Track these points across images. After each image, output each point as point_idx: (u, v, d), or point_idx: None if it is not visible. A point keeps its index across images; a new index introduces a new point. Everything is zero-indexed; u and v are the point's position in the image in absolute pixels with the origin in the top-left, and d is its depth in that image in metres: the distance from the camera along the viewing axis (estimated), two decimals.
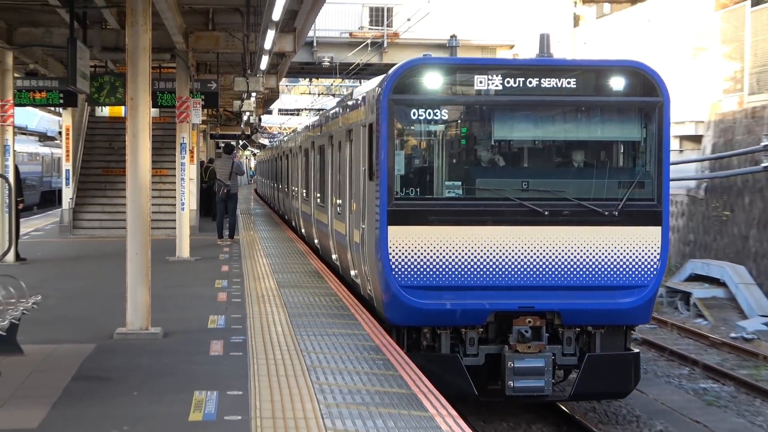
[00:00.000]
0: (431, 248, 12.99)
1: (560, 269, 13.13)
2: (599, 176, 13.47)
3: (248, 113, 40.82)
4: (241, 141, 63.38)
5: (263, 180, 58.46)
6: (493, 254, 13.06)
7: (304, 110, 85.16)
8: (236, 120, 47.66)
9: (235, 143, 47.19)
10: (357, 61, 43.76)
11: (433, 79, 13.08)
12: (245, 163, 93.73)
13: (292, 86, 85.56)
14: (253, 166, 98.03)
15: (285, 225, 32.97)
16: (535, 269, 13.10)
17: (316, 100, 78.20)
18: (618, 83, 13.31)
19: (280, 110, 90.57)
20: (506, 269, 13.07)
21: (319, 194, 21.23)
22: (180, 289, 17.06)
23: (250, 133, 59.49)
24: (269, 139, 76.67)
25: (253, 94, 32.81)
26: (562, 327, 13.36)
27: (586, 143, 13.82)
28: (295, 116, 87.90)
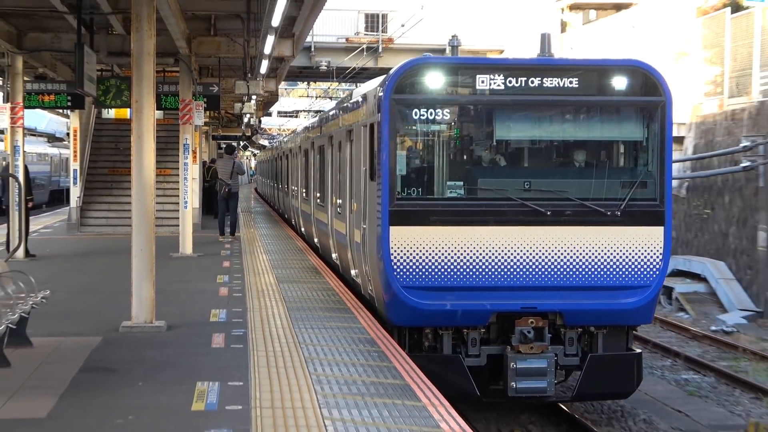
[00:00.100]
0: (433, 248, 12.54)
1: (562, 269, 12.68)
2: (601, 176, 13.02)
3: (249, 115, 40.73)
4: (241, 142, 63.29)
5: (263, 179, 58.30)
6: (495, 254, 12.60)
7: (302, 112, 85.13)
8: (237, 122, 47.61)
9: (236, 144, 47.07)
10: (353, 65, 43.73)
11: (434, 79, 12.64)
12: (246, 163, 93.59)
13: (290, 89, 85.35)
14: (253, 166, 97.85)
15: (284, 223, 32.94)
16: (538, 269, 12.65)
17: (314, 102, 78.14)
18: (620, 82, 12.88)
19: (279, 112, 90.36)
20: (508, 269, 12.62)
21: (319, 194, 20.76)
22: (183, 284, 17.05)
23: (250, 135, 59.48)
24: (269, 140, 76.54)
25: (254, 97, 32.78)
26: (564, 327, 12.91)
27: (588, 143, 13.36)
28: (294, 118, 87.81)
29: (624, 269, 12.78)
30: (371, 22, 45.86)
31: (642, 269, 12.80)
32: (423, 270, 12.54)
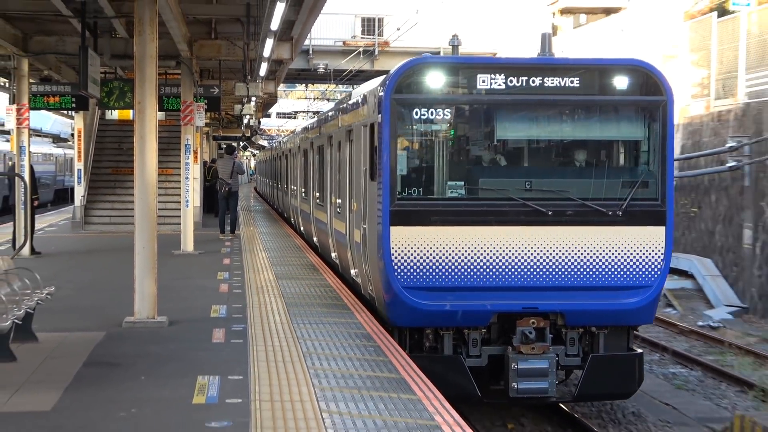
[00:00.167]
0: (434, 249, 12.15)
1: (564, 269, 12.30)
2: (603, 176, 12.62)
3: (248, 116, 40.73)
4: (241, 142, 63.24)
5: (262, 179, 58.23)
6: (496, 255, 12.22)
7: (300, 113, 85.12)
8: (237, 123, 47.59)
9: (236, 144, 47.04)
10: (350, 67, 43.76)
11: (434, 79, 12.25)
12: (245, 163, 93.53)
13: (289, 91, 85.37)
14: (252, 166, 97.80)
15: (283, 221, 32.93)
16: (539, 270, 12.27)
17: (311, 104, 78.16)
18: (621, 82, 12.50)
19: (278, 113, 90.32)
20: (509, 270, 12.23)
21: (318, 193, 20.43)
22: (184, 281, 17.04)
23: (250, 135, 59.47)
24: (268, 141, 76.54)
25: (253, 99, 32.79)
26: (565, 328, 12.54)
27: (590, 142, 12.99)
28: (292, 119, 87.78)
29: (625, 269, 12.43)
30: (368, 25, 45.91)
31: (643, 269, 12.45)
32: (424, 270, 12.18)
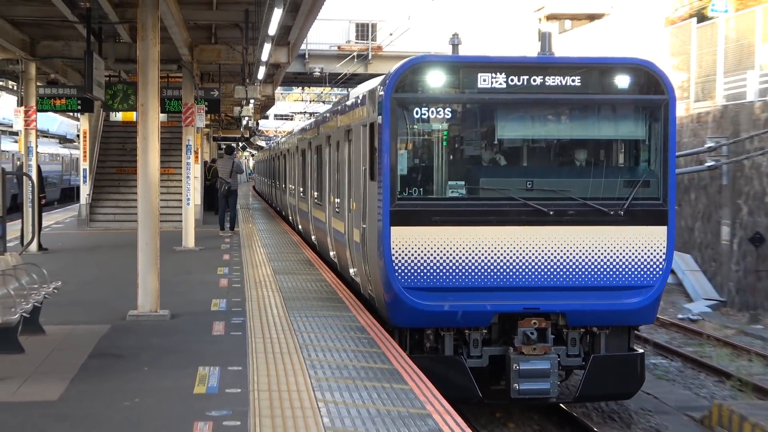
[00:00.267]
0: (434, 249, 11.62)
1: (565, 270, 11.79)
2: (604, 175, 12.09)
3: (247, 118, 40.78)
4: (240, 143, 63.21)
5: (261, 178, 58.12)
6: (498, 255, 11.70)
7: (297, 115, 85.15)
8: (236, 124, 47.62)
9: (235, 145, 47.02)
10: (344, 71, 43.75)
11: (435, 77, 11.70)
12: (244, 163, 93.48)
13: (286, 94, 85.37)
14: (251, 166, 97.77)
15: (280, 218, 32.90)
16: (540, 270, 11.75)
17: (308, 106, 78.20)
18: (623, 81, 11.98)
19: (275, 115, 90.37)
20: (510, 270, 11.71)
21: (317, 192, 19.88)
22: (186, 276, 17.02)
23: (248, 136, 59.50)
24: (266, 142, 76.51)
25: (252, 101, 32.78)
26: (566, 328, 12.03)
27: (591, 142, 12.42)
28: (289, 120, 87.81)
29: (627, 269, 11.93)
30: (361, 31, 45.90)
31: (645, 269, 11.95)
32: (424, 270, 11.67)
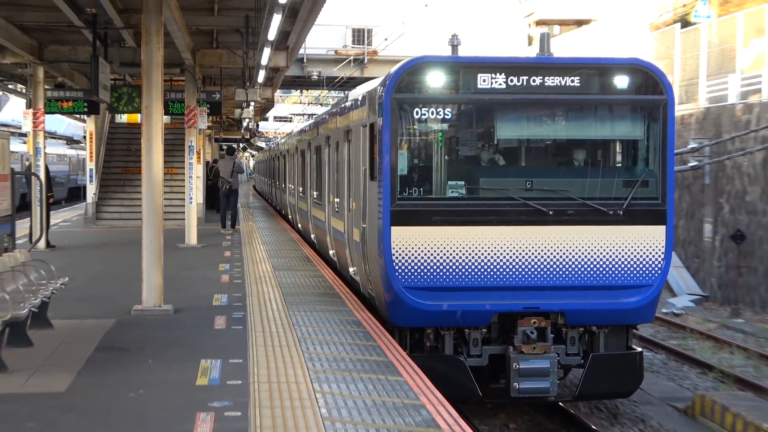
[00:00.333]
0: (434, 249, 11.36)
1: (565, 269, 11.55)
2: (603, 175, 11.86)
3: (247, 120, 40.79)
4: (241, 144, 63.21)
5: (261, 178, 58.04)
6: (497, 254, 11.44)
7: (296, 116, 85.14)
8: (237, 126, 47.58)
9: (236, 146, 47.03)
10: (341, 75, 43.75)
11: (435, 78, 11.42)
12: (245, 163, 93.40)
13: (285, 96, 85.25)
14: (251, 166, 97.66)
15: (280, 217, 32.90)
16: (540, 269, 11.51)
17: (306, 108, 78.20)
18: (622, 81, 11.71)
19: (275, 117, 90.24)
20: (510, 269, 11.47)
21: (316, 192, 19.55)
22: (188, 272, 17.03)
23: (249, 137, 59.51)
24: (266, 142, 76.47)
25: (252, 104, 32.82)
26: (566, 327, 11.81)
27: (590, 142, 12.17)
28: (288, 122, 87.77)
29: (626, 269, 11.70)
30: (358, 36, 45.87)
31: (644, 268, 11.73)
32: (424, 270, 11.40)
